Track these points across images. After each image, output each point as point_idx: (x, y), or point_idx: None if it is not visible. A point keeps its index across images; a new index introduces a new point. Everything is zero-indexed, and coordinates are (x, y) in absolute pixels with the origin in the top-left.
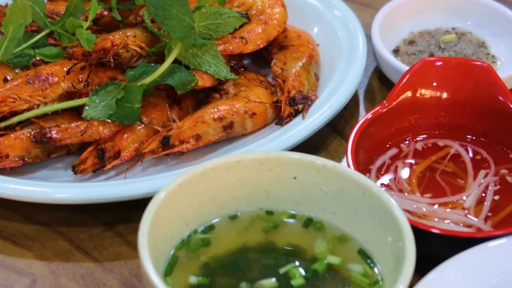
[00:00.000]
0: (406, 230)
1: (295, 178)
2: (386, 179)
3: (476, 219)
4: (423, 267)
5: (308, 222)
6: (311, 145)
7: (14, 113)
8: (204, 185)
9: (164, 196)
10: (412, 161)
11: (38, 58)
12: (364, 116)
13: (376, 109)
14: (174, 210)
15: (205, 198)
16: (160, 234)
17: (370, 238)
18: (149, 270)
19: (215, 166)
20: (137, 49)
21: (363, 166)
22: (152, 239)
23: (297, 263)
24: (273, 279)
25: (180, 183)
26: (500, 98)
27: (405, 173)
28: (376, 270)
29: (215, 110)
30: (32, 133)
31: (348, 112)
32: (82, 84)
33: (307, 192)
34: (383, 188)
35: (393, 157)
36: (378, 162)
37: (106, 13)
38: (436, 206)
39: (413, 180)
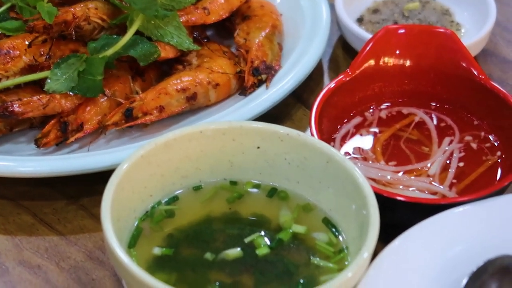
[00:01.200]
0: (370, 198)
1: (258, 147)
2: (350, 147)
3: (441, 186)
4: (389, 234)
5: (273, 192)
6: (275, 115)
7: None
8: (167, 156)
9: (127, 167)
10: (377, 129)
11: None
12: (327, 85)
13: (339, 78)
14: (137, 181)
15: (169, 169)
16: (123, 206)
17: (334, 206)
18: (112, 242)
19: (177, 137)
20: (99, 21)
21: (327, 135)
22: (115, 211)
23: (262, 232)
24: (238, 249)
25: (143, 154)
26: (464, 64)
27: (369, 141)
28: (340, 238)
29: (178, 81)
30: None
31: (312, 81)
32: (44, 57)
33: (270, 162)
34: (347, 157)
35: (357, 126)
36: (342, 131)
37: None
38: (400, 174)
39: (378, 148)
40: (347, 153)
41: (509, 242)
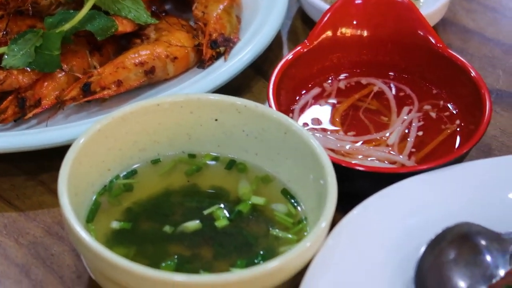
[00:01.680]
0: (327, 168)
1: (216, 120)
2: (308, 118)
3: (400, 156)
4: (348, 205)
5: (231, 164)
6: (235, 87)
7: None
8: (125, 130)
9: (84, 142)
10: (335, 100)
11: None
12: (285, 56)
13: (297, 49)
14: (94, 156)
15: (126, 143)
16: (81, 180)
17: (293, 177)
18: (70, 217)
19: (134, 110)
20: None
21: (285, 107)
22: (73, 186)
23: (221, 205)
24: (197, 221)
25: (100, 128)
26: (422, 34)
27: (328, 112)
28: (299, 209)
29: (136, 55)
30: None
31: (272, 53)
32: (1, 33)
33: (229, 134)
34: (306, 128)
35: (316, 97)
36: (301, 102)
37: None
38: (359, 144)
39: (337, 119)
40: (305, 124)
41: (468, 210)
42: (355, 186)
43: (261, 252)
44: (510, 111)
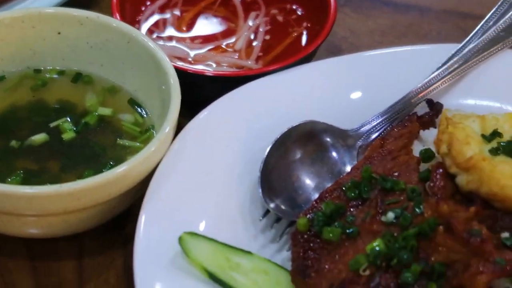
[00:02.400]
0: (170, 74)
1: (59, 33)
2: (154, 28)
3: (248, 61)
4: (198, 112)
5: (77, 77)
6: (85, 2)
7: None
8: None
9: None
10: (182, 9)
11: None
12: None
13: None
14: None
15: None
16: None
17: (139, 86)
18: None
19: None
20: None
21: (131, 18)
22: None
23: (67, 118)
24: (44, 134)
25: None
26: None
27: (174, 21)
28: (146, 118)
29: None
30: None
31: None
32: None
33: (73, 47)
34: (153, 36)
35: (162, 7)
36: (147, 13)
37: None
38: (206, 51)
39: (183, 27)
40: (150, 32)
41: (314, 109)
42: (204, 92)
43: (111, 163)
44: (359, 12)
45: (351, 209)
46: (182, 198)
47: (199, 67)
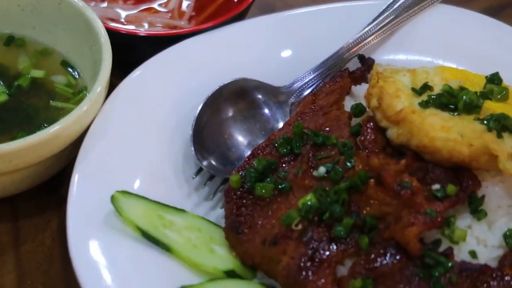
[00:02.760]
0: (101, 35)
1: None
2: None
3: (180, 21)
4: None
5: (10, 40)
6: None
7: None
8: None
9: None
10: None
11: None
12: None
13: None
14: None
15: None
16: None
17: (71, 48)
18: None
19: None
20: None
21: None
22: None
23: (0, 81)
24: None
25: None
26: None
27: None
28: (79, 79)
29: None
30: None
31: None
32: None
33: (4, 10)
34: None
35: None
36: None
37: None
38: (138, 11)
39: None
40: None
41: (247, 67)
42: (138, 53)
43: (45, 124)
44: None
45: (283, 165)
46: (115, 158)
47: (131, 28)
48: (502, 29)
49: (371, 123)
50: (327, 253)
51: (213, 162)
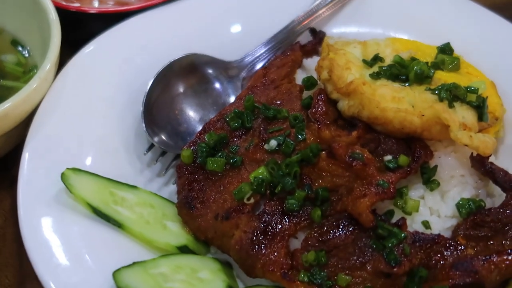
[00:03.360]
0: (49, 12)
1: None
2: None
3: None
4: None
5: None
6: None
7: None
8: None
9: None
10: None
11: None
12: None
13: None
14: None
15: None
16: None
17: (21, 27)
18: None
19: None
20: None
21: None
22: None
23: None
24: None
25: None
26: None
27: None
28: (29, 58)
29: None
30: None
31: None
32: None
33: None
34: None
35: None
36: None
37: None
38: None
39: None
40: None
41: (197, 43)
42: (89, 30)
43: None
44: None
45: (235, 139)
46: (66, 135)
47: (81, 5)
48: (454, 0)
49: (322, 96)
50: (280, 226)
51: (165, 138)
